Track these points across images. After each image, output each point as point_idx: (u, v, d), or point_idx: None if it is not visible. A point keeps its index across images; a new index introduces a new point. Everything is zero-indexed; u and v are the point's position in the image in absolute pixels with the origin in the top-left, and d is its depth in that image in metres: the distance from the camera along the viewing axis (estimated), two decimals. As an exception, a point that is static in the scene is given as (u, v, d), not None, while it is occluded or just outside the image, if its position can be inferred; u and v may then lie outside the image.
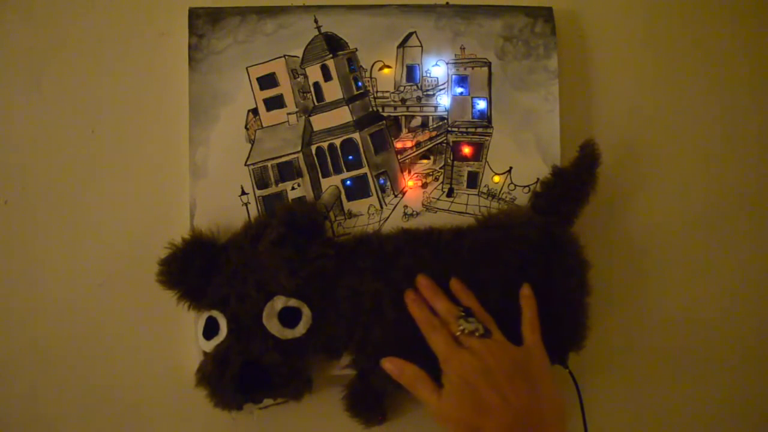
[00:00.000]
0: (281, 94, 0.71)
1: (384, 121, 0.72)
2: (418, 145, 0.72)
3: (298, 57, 0.71)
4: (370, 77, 0.72)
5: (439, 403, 0.58)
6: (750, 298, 0.76)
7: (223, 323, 0.64)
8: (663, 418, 0.75)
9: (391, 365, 0.62)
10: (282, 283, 0.63)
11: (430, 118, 0.72)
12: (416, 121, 0.72)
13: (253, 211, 0.70)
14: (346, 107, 0.72)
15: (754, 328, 0.76)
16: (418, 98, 0.72)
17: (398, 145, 0.72)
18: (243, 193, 0.70)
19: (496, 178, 0.71)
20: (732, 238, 0.76)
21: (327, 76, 0.72)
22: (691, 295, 0.76)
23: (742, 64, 0.77)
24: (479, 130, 0.72)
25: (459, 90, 0.72)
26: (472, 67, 0.72)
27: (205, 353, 0.65)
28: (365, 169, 0.72)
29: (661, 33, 0.77)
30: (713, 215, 0.76)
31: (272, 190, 0.71)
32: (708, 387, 0.75)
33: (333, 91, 0.72)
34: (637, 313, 0.75)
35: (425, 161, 0.72)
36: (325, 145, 0.72)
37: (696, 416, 0.75)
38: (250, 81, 0.71)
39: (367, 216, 0.71)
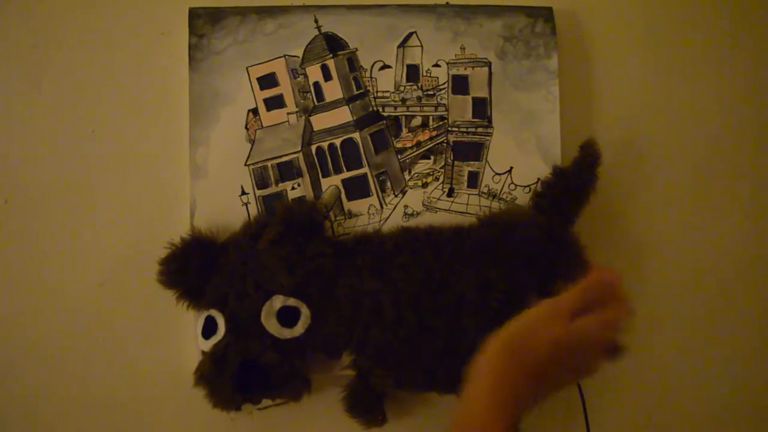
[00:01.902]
0: (281, 94, 0.71)
1: (384, 121, 0.72)
2: (418, 144, 0.72)
3: (298, 57, 0.71)
4: (370, 77, 0.72)
5: None
6: (750, 298, 0.76)
7: (221, 322, 0.64)
8: (664, 418, 0.75)
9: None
10: (281, 282, 0.63)
11: (430, 117, 0.72)
12: (416, 121, 0.72)
13: (253, 211, 0.70)
14: (346, 107, 0.72)
15: (754, 328, 0.76)
16: (418, 98, 0.72)
17: (398, 145, 0.72)
18: (243, 193, 0.70)
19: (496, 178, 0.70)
20: (732, 237, 0.76)
21: (327, 76, 0.72)
22: (690, 294, 0.75)
23: (742, 63, 0.77)
24: (479, 130, 0.72)
25: (459, 90, 0.72)
26: (472, 67, 0.72)
27: (203, 353, 0.65)
28: (365, 169, 0.72)
29: (661, 33, 0.77)
30: (712, 214, 0.76)
31: (272, 190, 0.71)
32: (709, 387, 0.75)
33: (333, 91, 0.72)
34: (638, 313, 0.75)
35: (425, 161, 0.72)
36: (325, 145, 0.71)
37: (697, 416, 0.75)
38: (250, 81, 0.71)
39: (367, 216, 0.71)
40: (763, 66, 0.77)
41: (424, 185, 0.72)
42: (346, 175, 0.72)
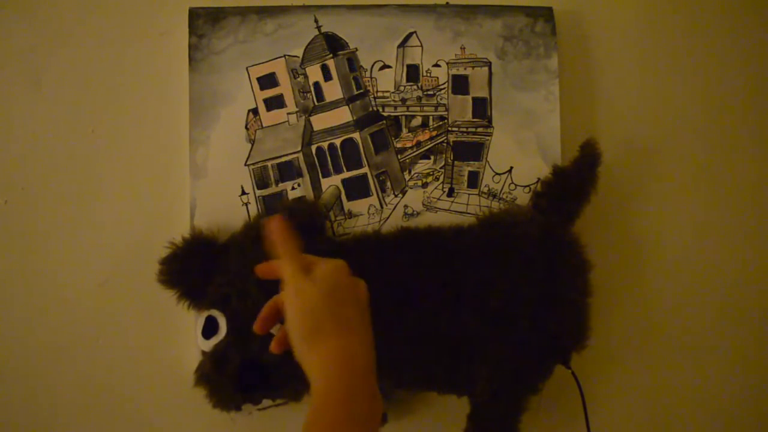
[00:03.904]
0: (281, 94, 0.71)
1: (384, 121, 0.72)
2: (418, 144, 0.72)
3: (298, 57, 0.71)
4: (370, 77, 0.72)
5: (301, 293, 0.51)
6: (750, 298, 0.76)
7: (222, 322, 0.63)
8: (664, 417, 0.75)
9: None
10: None
11: (430, 117, 0.72)
12: (416, 121, 0.72)
13: (253, 211, 0.70)
14: (346, 107, 0.72)
15: (754, 328, 0.76)
16: (419, 98, 0.72)
17: (398, 145, 0.72)
18: (243, 193, 0.70)
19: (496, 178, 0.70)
20: (732, 237, 0.76)
21: (327, 76, 0.72)
22: (691, 294, 0.75)
23: (741, 64, 0.77)
24: (479, 129, 0.72)
25: (459, 90, 0.72)
26: (473, 67, 0.72)
27: (203, 353, 0.65)
28: (365, 169, 0.72)
29: (661, 33, 0.77)
30: (713, 215, 0.76)
31: (272, 190, 0.71)
32: (708, 386, 0.75)
33: (333, 91, 0.72)
34: (638, 313, 0.75)
35: (425, 161, 0.72)
36: (325, 145, 0.71)
37: (696, 415, 0.75)
38: (250, 81, 0.71)
39: (367, 216, 0.71)
40: (764, 65, 0.77)
41: (424, 185, 0.72)
42: (346, 175, 0.72)
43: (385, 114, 0.72)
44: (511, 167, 0.72)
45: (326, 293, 0.50)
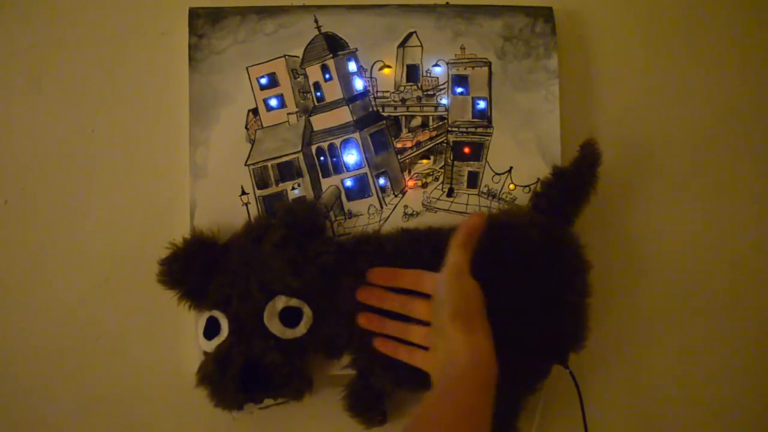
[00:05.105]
0: (281, 94, 0.71)
1: (384, 121, 0.72)
2: (418, 145, 0.72)
3: (298, 57, 0.71)
4: (370, 77, 0.72)
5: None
6: (750, 298, 0.76)
7: (224, 323, 0.64)
8: (662, 418, 0.75)
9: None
10: (288, 283, 0.63)
11: (430, 118, 0.72)
12: (416, 121, 0.72)
13: (254, 211, 0.70)
14: (346, 107, 0.72)
15: (754, 328, 0.76)
16: (418, 98, 0.72)
17: (398, 145, 0.72)
18: (243, 193, 0.70)
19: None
20: (731, 237, 0.76)
21: (327, 76, 0.72)
22: (690, 295, 0.76)
23: (741, 63, 0.77)
24: (479, 130, 0.72)
25: (459, 90, 0.72)
26: (473, 67, 0.72)
27: (205, 353, 0.65)
28: (365, 169, 0.72)
29: (661, 33, 0.77)
30: (713, 215, 0.76)
31: (272, 190, 0.71)
32: (708, 387, 0.75)
33: (333, 91, 0.72)
34: (636, 314, 0.75)
35: (425, 161, 0.72)
36: (325, 145, 0.72)
37: (695, 416, 0.75)
38: (250, 81, 0.71)
39: (367, 216, 0.71)
40: (764, 65, 0.77)
41: (424, 185, 0.72)
42: (346, 175, 0.72)
43: (385, 114, 0.72)
44: (511, 167, 0.72)
45: (479, 291, 0.57)
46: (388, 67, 0.72)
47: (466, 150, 0.72)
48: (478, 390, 0.51)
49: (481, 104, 0.72)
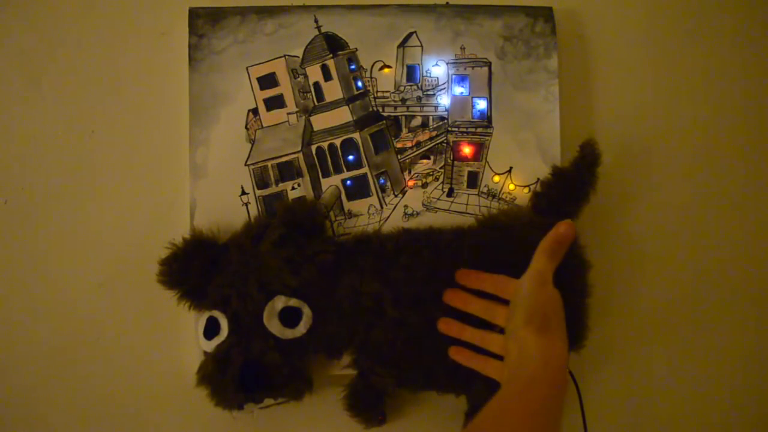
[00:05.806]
0: (281, 94, 0.71)
1: (384, 121, 0.72)
2: (418, 144, 0.72)
3: (298, 57, 0.71)
4: (370, 77, 0.72)
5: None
6: (750, 297, 0.76)
7: (224, 323, 0.64)
8: (662, 418, 0.75)
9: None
10: (286, 283, 0.63)
11: (430, 118, 0.72)
12: (416, 121, 0.72)
13: (253, 211, 0.70)
14: (346, 107, 0.72)
15: (752, 328, 0.76)
16: (419, 98, 0.72)
17: (398, 144, 0.72)
18: (243, 193, 0.70)
19: (497, 178, 0.71)
20: (731, 237, 0.76)
21: (327, 76, 0.72)
22: (689, 295, 0.76)
23: (742, 63, 0.77)
24: (479, 130, 0.72)
25: (459, 90, 0.72)
26: (472, 67, 0.72)
27: (205, 353, 0.65)
28: (365, 169, 0.72)
29: (661, 33, 0.77)
30: (712, 215, 0.76)
31: (272, 190, 0.71)
32: (708, 387, 0.75)
33: (333, 91, 0.72)
34: (636, 313, 0.75)
35: (425, 161, 0.72)
36: (325, 145, 0.72)
37: (695, 416, 0.75)
38: (250, 81, 0.71)
39: (367, 216, 0.71)
40: (764, 65, 0.77)
41: (424, 185, 0.72)
42: (346, 175, 0.72)
43: (385, 114, 0.72)
44: (511, 167, 0.72)
45: (560, 300, 0.58)
46: (388, 67, 0.72)
47: (466, 150, 0.72)
48: (549, 391, 0.51)
49: (481, 104, 0.72)
